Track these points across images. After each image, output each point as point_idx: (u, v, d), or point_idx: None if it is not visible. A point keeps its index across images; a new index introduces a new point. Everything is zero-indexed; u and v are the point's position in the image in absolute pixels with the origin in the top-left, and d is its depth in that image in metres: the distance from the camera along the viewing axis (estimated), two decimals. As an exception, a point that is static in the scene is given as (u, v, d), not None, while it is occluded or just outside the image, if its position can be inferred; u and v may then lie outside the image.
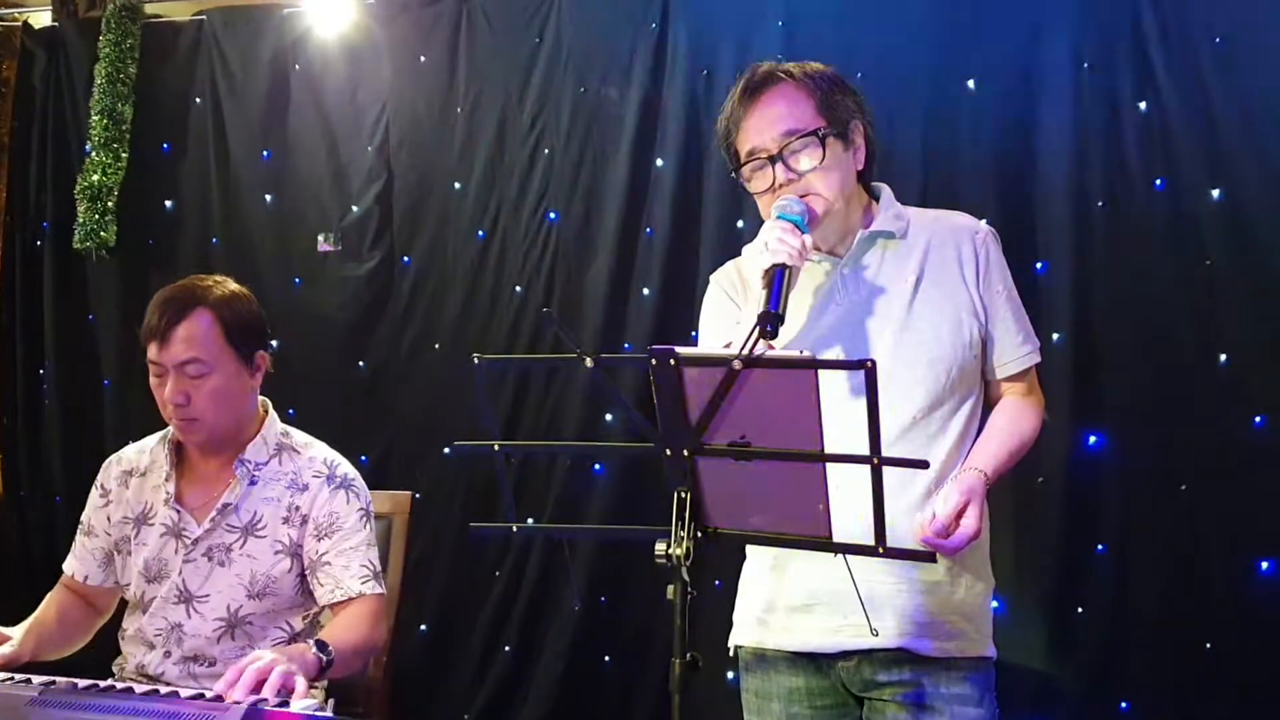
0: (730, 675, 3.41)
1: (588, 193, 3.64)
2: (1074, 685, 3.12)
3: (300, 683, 1.67)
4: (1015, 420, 1.86)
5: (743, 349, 1.35)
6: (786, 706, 1.85)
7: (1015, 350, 1.88)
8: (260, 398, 2.20)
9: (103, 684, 1.64)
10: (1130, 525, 3.12)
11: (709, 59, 3.56)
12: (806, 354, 1.36)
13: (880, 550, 1.40)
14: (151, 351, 2.06)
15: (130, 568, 2.17)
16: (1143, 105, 3.21)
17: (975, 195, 3.26)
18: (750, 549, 1.96)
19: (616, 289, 3.57)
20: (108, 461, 2.26)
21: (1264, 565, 3.00)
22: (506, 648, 3.59)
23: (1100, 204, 3.20)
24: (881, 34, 3.39)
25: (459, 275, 3.75)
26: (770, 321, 1.63)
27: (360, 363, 3.82)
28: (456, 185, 3.78)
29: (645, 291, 3.56)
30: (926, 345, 1.81)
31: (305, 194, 3.86)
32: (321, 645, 1.87)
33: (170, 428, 2.19)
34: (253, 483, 2.13)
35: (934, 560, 1.56)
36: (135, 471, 2.21)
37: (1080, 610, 3.15)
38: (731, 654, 1.99)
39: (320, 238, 3.83)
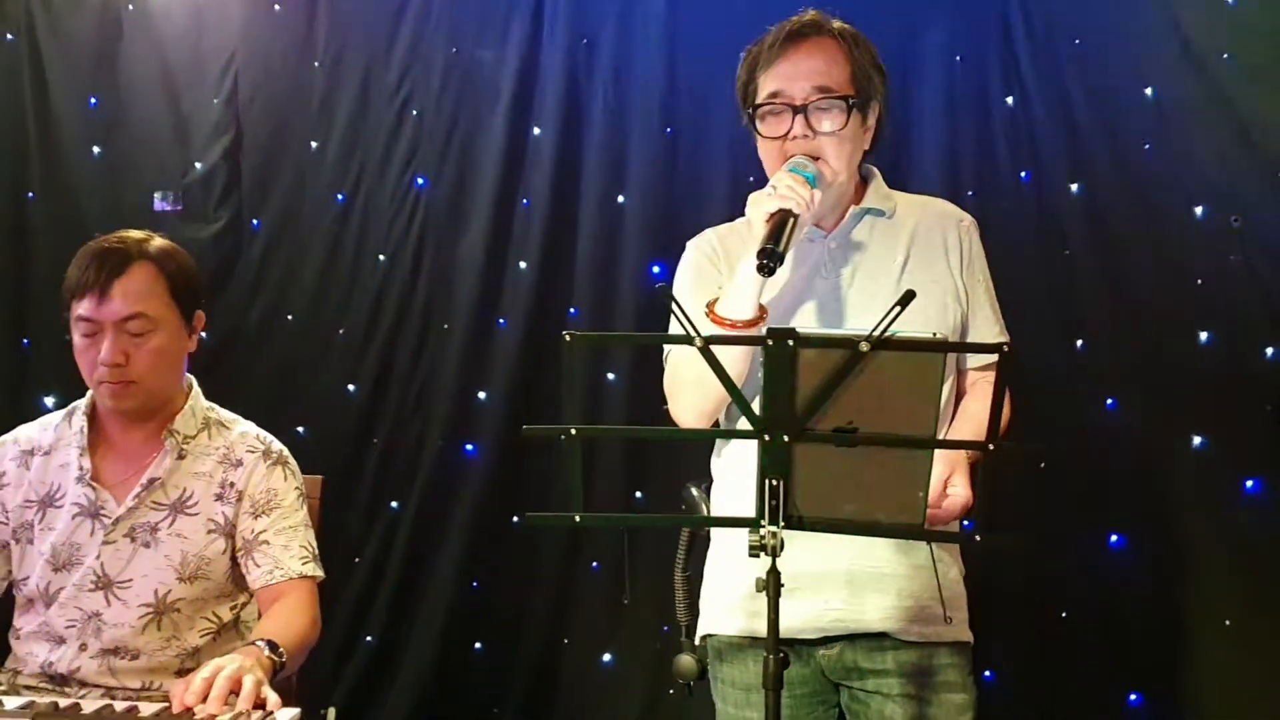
0: (606, 657, 3.38)
1: (460, 159, 3.47)
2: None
3: (272, 693, 1.51)
4: (988, 405, 1.88)
5: (873, 331, 1.30)
6: (765, 696, 1.80)
7: (992, 340, 1.90)
8: None
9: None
10: (992, 502, 3.24)
11: (590, 26, 3.46)
12: (941, 336, 1.32)
13: (977, 538, 1.38)
14: (85, 307, 1.85)
15: (31, 558, 1.91)
16: (1010, 100, 3.35)
17: (851, 181, 3.32)
18: (719, 533, 1.90)
19: (491, 261, 3.43)
20: (0, 441, 1.99)
21: (1114, 538, 3.20)
22: (369, 638, 3.40)
23: (971, 194, 3.32)
24: (763, 13, 3.37)
25: (316, 241, 3.51)
26: (770, 258, 1.61)
27: (202, 334, 3.49)
28: (313, 144, 3.53)
29: (522, 265, 3.43)
30: (915, 325, 1.80)
31: (140, 147, 3.50)
32: (272, 646, 1.69)
33: (80, 401, 1.97)
34: (180, 456, 1.93)
35: (1025, 546, 1.57)
36: (38, 450, 1.97)
37: (946, 583, 3.26)
38: (698, 643, 1.93)
39: (157, 196, 3.48)
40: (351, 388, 3.48)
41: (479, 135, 3.46)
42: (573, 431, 1.44)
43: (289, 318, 3.51)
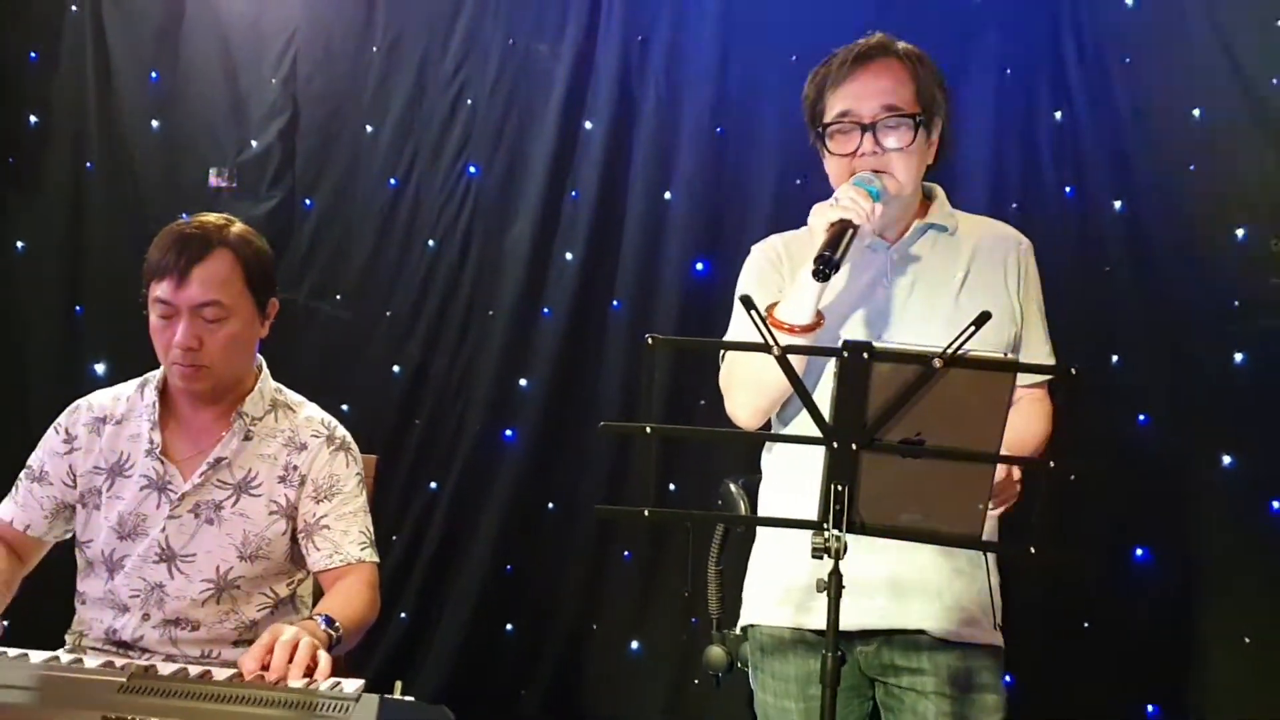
0: (634, 645, 3.45)
1: (512, 149, 3.53)
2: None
3: (324, 655, 1.57)
4: (1029, 421, 1.92)
5: (948, 348, 1.35)
6: (804, 688, 1.86)
7: (1041, 361, 1.94)
8: None
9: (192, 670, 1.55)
10: (1023, 514, 3.29)
11: (645, 24, 3.51)
12: (1011, 357, 1.37)
13: (1032, 549, 1.44)
14: (163, 290, 1.89)
15: (97, 523, 1.97)
16: (1058, 115, 3.38)
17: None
18: (765, 530, 1.96)
19: (538, 251, 3.49)
20: (74, 405, 2.05)
21: (1139, 552, 3.25)
22: (402, 614, 3.47)
23: (1015, 205, 3.36)
24: (817, 18, 3.42)
25: (366, 223, 3.57)
26: (826, 264, 1.66)
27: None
28: (368, 128, 3.59)
29: (568, 256, 3.49)
30: (972, 341, 1.84)
31: (198, 123, 3.57)
32: (329, 621, 1.75)
33: (152, 374, 2.03)
34: (247, 438, 1.98)
35: (1082, 562, 1.61)
36: (110, 419, 2.01)
37: (973, 590, 3.31)
38: (739, 633, 1.99)
39: (212, 172, 3.55)
40: (396, 369, 3.55)
41: (531, 126, 3.52)
42: (648, 430, 1.49)
43: (337, 297, 3.57)
